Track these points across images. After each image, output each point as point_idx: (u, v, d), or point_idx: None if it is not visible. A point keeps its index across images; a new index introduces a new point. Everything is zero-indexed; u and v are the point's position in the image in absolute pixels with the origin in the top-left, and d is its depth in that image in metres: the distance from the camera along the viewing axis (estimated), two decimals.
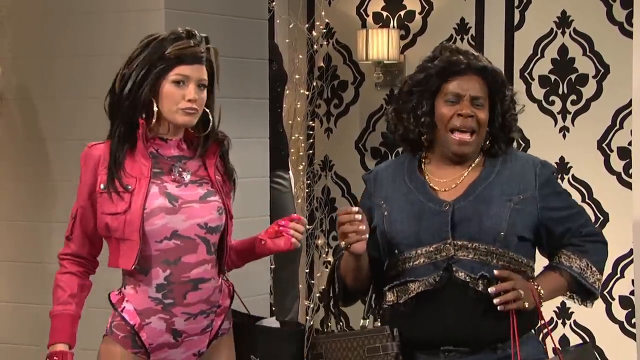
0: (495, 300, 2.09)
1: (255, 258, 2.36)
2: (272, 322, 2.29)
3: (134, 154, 2.21)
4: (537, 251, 2.28)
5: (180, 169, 2.23)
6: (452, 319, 2.13)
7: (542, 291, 2.16)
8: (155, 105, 2.20)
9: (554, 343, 2.21)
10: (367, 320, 2.20)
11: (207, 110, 2.25)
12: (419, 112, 2.20)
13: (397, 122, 2.24)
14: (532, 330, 2.22)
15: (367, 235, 2.10)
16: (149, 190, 2.18)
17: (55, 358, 2.24)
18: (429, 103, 2.19)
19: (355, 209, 2.09)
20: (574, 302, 2.27)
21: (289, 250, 2.27)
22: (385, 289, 2.21)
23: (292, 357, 2.28)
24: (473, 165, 2.22)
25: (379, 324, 2.20)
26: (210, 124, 2.25)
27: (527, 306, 2.12)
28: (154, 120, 2.21)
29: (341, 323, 2.22)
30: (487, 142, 2.22)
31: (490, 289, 2.10)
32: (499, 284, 2.11)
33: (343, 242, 2.10)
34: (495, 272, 2.12)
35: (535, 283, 2.18)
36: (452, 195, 2.18)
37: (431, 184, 2.20)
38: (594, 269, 2.23)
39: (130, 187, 2.18)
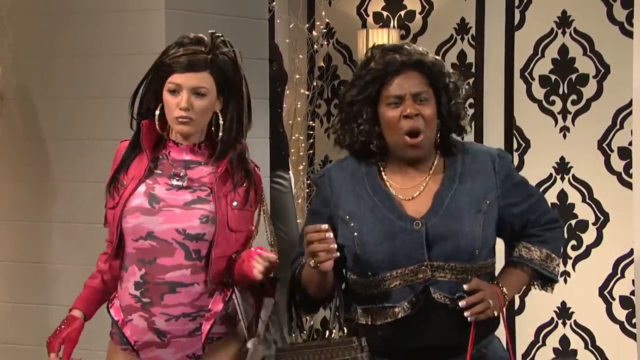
0: (466, 314, 2.08)
1: (239, 280, 2.26)
2: (250, 344, 2.25)
3: (142, 155, 2.26)
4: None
5: (178, 174, 2.22)
6: (429, 335, 2.11)
7: (505, 292, 2.15)
8: (158, 109, 2.24)
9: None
10: (334, 331, 2.15)
11: (219, 114, 2.22)
12: (360, 120, 2.13)
13: (343, 134, 2.19)
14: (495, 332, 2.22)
15: (337, 254, 2.04)
16: (135, 189, 2.22)
17: (64, 320, 2.29)
18: (370, 110, 2.13)
19: (325, 226, 2.01)
20: (534, 288, 2.26)
21: (253, 278, 2.20)
22: (357, 307, 2.15)
23: None
24: (433, 168, 2.16)
25: (344, 334, 2.14)
26: (221, 129, 2.22)
27: (495, 314, 2.12)
28: (157, 124, 2.25)
29: (304, 332, 2.20)
30: (438, 135, 2.15)
31: (461, 303, 2.08)
32: (469, 296, 2.10)
33: (312, 261, 2.03)
34: (465, 286, 2.10)
35: (500, 284, 2.16)
36: (419, 207, 2.12)
37: (395, 193, 2.13)
38: (553, 256, 2.21)
39: (125, 183, 2.24)
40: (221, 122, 2.22)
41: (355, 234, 2.11)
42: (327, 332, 2.20)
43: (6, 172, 3.50)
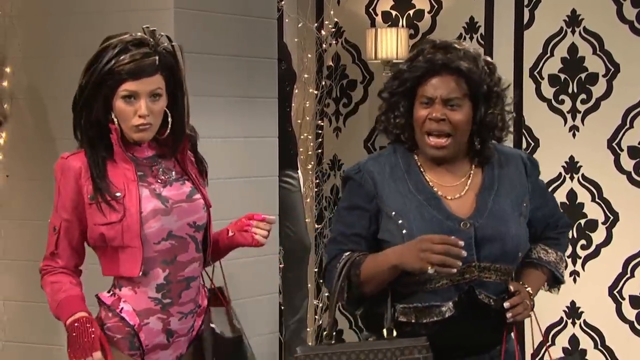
0: (509, 315, 2.10)
1: (221, 253, 2.31)
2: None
3: (113, 160, 2.18)
4: None
5: (162, 169, 2.21)
6: (469, 334, 2.13)
7: (531, 292, 2.19)
8: (113, 115, 2.16)
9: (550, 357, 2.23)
10: (391, 330, 2.10)
11: (167, 112, 2.19)
12: (397, 112, 2.17)
13: (381, 122, 2.22)
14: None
15: (460, 264, 2.01)
16: (141, 194, 2.16)
17: (76, 324, 2.12)
18: (406, 105, 2.16)
19: (462, 243, 2.00)
20: (542, 289, 2.29)
21: (254, 246, 2.25)
22: (397, 305, 2.13)
23: None
24: (472, 170, 2.18)
25: (392, 334, 2.10)
26: (169, 128, 2.19)
27: (530, 315, 2.16)
28: (117, 133, 2.17)
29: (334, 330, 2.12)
30: (477, 142, 2.16)
31: (506, 304, 2.11)
32: (510, 299, 2.12)
33: (431, 268, 1.98)
34: (511, 287, 2.13)
35: (526, 286, 2.19)
36: (463, 208, 2.13)
37: (439, 193, 2.14)
38: (564, 258, 2.29)
39: (119, 194, 2.15)
40: (170, 119, 2.19)
41: (405, 231, 2.10)
42: (386, 332, 2.12)
43: (18, 171, 3.51)
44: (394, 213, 2.12)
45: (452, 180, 2.16)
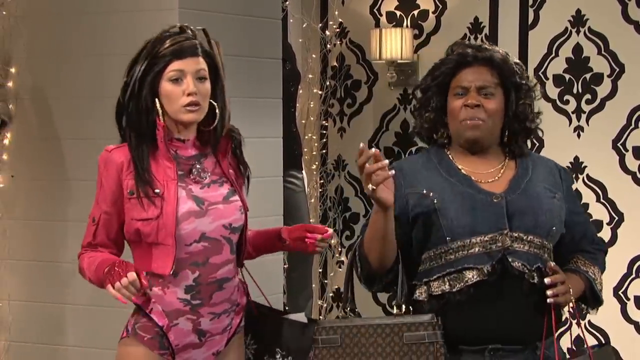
0: (549, 292, 2.11)
1: (268, 252, 2.38)
2: (300, 317, 2.29)
3: (156, 156, 2.19)
4: None
5: (200, 170, 2.21)
6: (504, 311, 2.13)
7: (571, 291, 2.20)
8: (158, 104, 2.17)
9: (585, 342, 2.25)
10: (401, 307, 2.16)
11: (214, 103, 2.22)
12: (430, 107, 2.23)
13: (416, 119, 2.28)
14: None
15: (393, 185, 2.06)
16: (179, 194, 2.17)
17: (116, 268, 2.09)
18: (440, 99, 2.22)
19: (373, 150, 2.05)
20: (581, 308, 2.30)
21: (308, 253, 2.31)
22: (430, 280, 2.16)
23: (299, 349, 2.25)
24: (505, 163, 2.23)
25: (409, 311, 2.17)
26: (218, 116, 2.22)
27: (570, 302, 2.16)
28: (163, 120, 2.18)
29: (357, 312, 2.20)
30: (507, 135, 2.23)
31: (546, 280, 2.12)
32: (552, 276, 2.13)
33: (370, 186, 2.03)
34: (551, 264, 2.14)
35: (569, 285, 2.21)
36: (497, 188, 2.19)
37: (472, 177, 2.20)
38: (601, 277, 2.30)
39: (158, 191, 2.16)
40: (217, 110, 2.22)
41: (436, 201, 2.15)
42: (396, 308, 2.20)
43: (22, 171, 3.51)
44: (424, 190, 2.18)
45: (485, 168, 2.22)
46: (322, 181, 4.75)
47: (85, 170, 3.40)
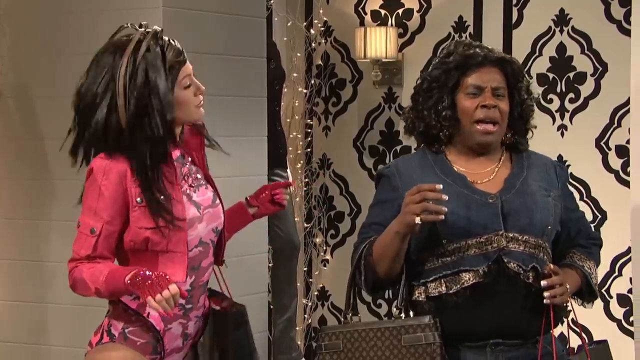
0: (546, 294, 2.12)
1: (240, 229, 2.38)
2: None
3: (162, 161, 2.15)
4: None
5: (193, 172, 2.20)
6: (502, 310, 2.14)
7: (568, 289, 2.20)
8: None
9: (582, 341, 2.26)
10: (401, 311, 2.17)
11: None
12: (440, 107, 2.21)
13: (417, 120, 2.24)
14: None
15: (445, 209, 2.08)
16: (182, 200, 2.14)
17: (137, 274, 1.99)
18: (450, 97, 2.21)
19: (440, 186, 2.07)
20: (576, 302, 2.31)
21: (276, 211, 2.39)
22: (427, 281, 2.17)
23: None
24: (501, 160, 2.24)
25: (408, 315, 2.18)
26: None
27: (567, 302, 2.18)
28: (178, 133, 2.19)
29: (359, 316, 2.21)
30: (509, 135, 2.25)
31: (543, 282, 2.13)
32: (549, 277, 2.14)
33: (418, 217, 2.05)
34: (551, 265, 2.15)
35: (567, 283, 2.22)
36: (492, 187, 2.19)
37: (468, 178, 2.20)
38: (596, 271, 2.31)
39: (164, 197, 2.11)
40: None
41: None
42: (396, 312, 2.21)
43: (4, 170, 3.50)
44: None
45: (481, 168, 2.23)
46: (307, 180, 4.75)
47: (69, 169, 3.39)
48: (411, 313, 2.20)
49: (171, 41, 2.19)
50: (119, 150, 2.12)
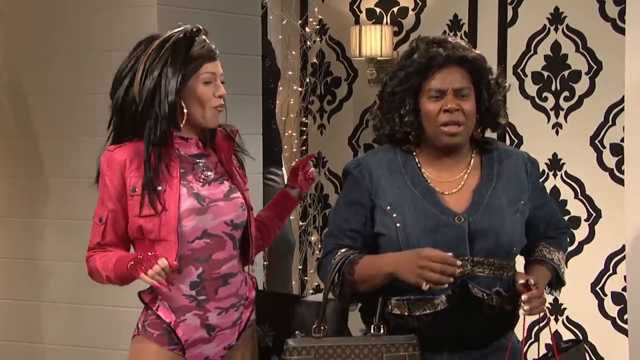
0: (526, 307, 2.08)
1: (286, 217, 2.44)
2: (316, 298, 2.27)
3: (161, 154, 2.21)
4: None
5: (203, 168, 2.24)
6: (463, 331, 2.13)
7: (545, 293, 2.20)
8: (184, 107, 2.20)
9: (553, 343, 2.23)
10: (379, 327, 2.12)
11: None
12: (403, 111, 2.17)
13: (383, 122, 2.21)
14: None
15: (451, 280, 2.03)
16: (180, 191, 2.19)
17: (145, 257, 2.12)
18: (412, 101, 2.16)
19: (458, 263, 2.02)
20: (545, 291, 2.29)
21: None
22: (392, 297, 2.15)
23: (334, 331, 2.24)
24: (470, 164, 2.20)
25: (384, 331, 2.12)
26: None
27: (543, 312, 2.14)
28: (183, 122, 2.21)
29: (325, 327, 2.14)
30: (479, 131, 2.21)
31: (524, 297, 2.08)
32: (529, 289, 2.10)
33: (425, 284, 2.01)
34: (532, 280, 2.10)
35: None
36: (459, 202, 2.14)
37: (434, 187, 2.16)
38: (564, 260, 2.30)
39: (160, 188, 2.18)
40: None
41: (398, 224, 2.13)
42: (374, 328, 2.12)
43: None
44: (389, 207, 2.15)
45: (449, 176, 2.18)
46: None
47: (63, 168, 3.39)
48: (382, 328, 2.12)
49: (206, 39, 2.23)
50: (132, 129, 2.21)
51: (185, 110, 2.20)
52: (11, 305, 3.47)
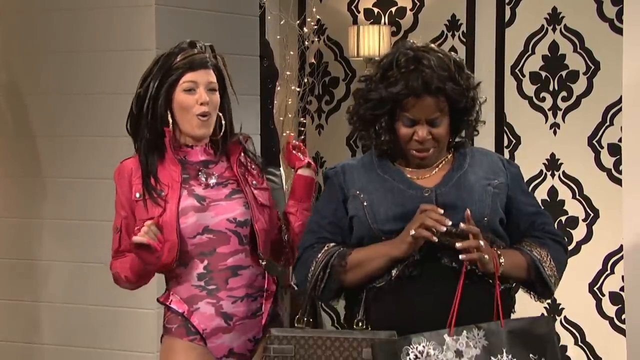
0: (462, 256, 2.08)
1: (309, 193, 2.48)
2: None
3: (164, 162, 2.34)
4: None
5: (206, 174, 2.35)
6: (434, 303, 2.12)
7: (502, 261, 2.15)
8: (169, 116, 2.32)
9: (500, 315, 2.15)
10: (360, 323, 2.14)
11: (220, 115, 2.37)
12: (378, 127, 2.20)
13: (359, 129, 2.25)
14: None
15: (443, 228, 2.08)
16: (181, 194, 2.31)
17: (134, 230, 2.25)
18: (388, 120, 2.19)
19: (441, 211, 2.08)
20: (530, 297, 2.26)
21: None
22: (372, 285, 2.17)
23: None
24: (444, 161, 2.23)
25: (365, 326, 2.13)
26: (224, 127, 2.37)
27: (486, 263, 2.10)
28: (170, 130, 2.33)
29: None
30: (451, 139, 2.23)
31: (458, 245, 2.08)
32: (465, 241, 2.10)
33: (415, 231, 2.06)
34: (462, 225, 2.09)
35: (498, 251, 2.16)
36: (429, 182, 2.19)
37: (407, 174, 2.21)
38: (552, 263, 2.21)
39: (163, 192, 2.31)
40: (223, 121, 2.38)
41: (365, 203, 2.17)
42: (356, 323, 2.16)
43: None
44: (357, 191, 2.20)
45: (424, 169, 2.23)
46: None
47: (61, 168, 3.38)
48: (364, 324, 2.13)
49: (193, 50, 2.34)
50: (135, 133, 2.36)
51: (170, 120, 2.32)
52: (9, 306, 3.47)
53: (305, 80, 4.75)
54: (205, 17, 3.40)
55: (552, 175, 4.33)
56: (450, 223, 2.08)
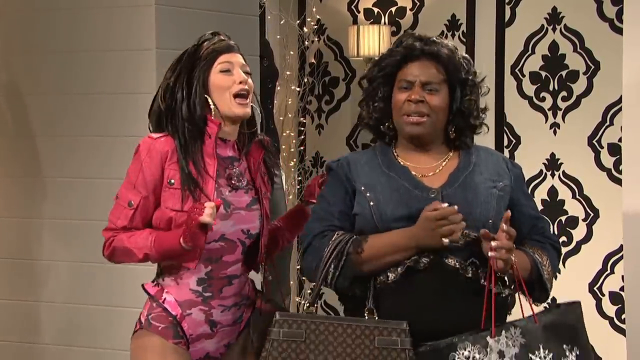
0: (491, 254, 2.08)
1: (302, 225, 2.43)
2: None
3: (202, 153, 2.25)
4: None
5: (238, 173, 2.29)
6: (438, 304, 2.13)
7: (514, 260, 2.16)
8: (211, 102, 2.25)
9: (532, 310, 2.19)
10: (372, 311, 2.14)
11: (254, 106, 2.32)
12: (376, 97, 2.23)
13: (361, 109, 2.27)
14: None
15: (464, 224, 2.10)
16: (212, 193, 2.24)
17: (193, 209, 2.17)
18: (386, 90, 2.22)
19: (454, 207, 2.09)
20: (526, 299, 2.24)
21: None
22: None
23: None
24: (448, 158, 2.23)
25: (373, 315, 2.13)
26: (261, 118, 2.34)
27: (510, 264, 2.11)
28: (212, 115, 2.25)
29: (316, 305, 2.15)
30: (452, 130, 2.23)
31: (493, 243, 2.08)
32: (499, 241, 2.10)
33: (447, 240, 2.08)
34: (508, 213, 2.11)
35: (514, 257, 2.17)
36: (435, 181, 2.19)
37: (411, 171, 2.20)
38: (549, 268, 2.25)
39: (199, 183, 2.23)
40: (258, 112, 2.33)
41: (372, 202, 2.16)
42: (367, 312, 2.14)
43: None
44: (363, 188, 2.19)
45: (427, 162, 2.22)
46: (300, 178, 4.75)
47: (61, 168, 3.38)
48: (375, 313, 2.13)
49: (221, 37, 2.31)
50: (167, 127, 2.27)
51: (212, 105, 2.24)
52: (8, 306, 3.47)
53: (305, 80, 4.75)
54: (205, 17, 3.40)
55: (552, 175, 4.33)
56: (457, 208, 2.09)
